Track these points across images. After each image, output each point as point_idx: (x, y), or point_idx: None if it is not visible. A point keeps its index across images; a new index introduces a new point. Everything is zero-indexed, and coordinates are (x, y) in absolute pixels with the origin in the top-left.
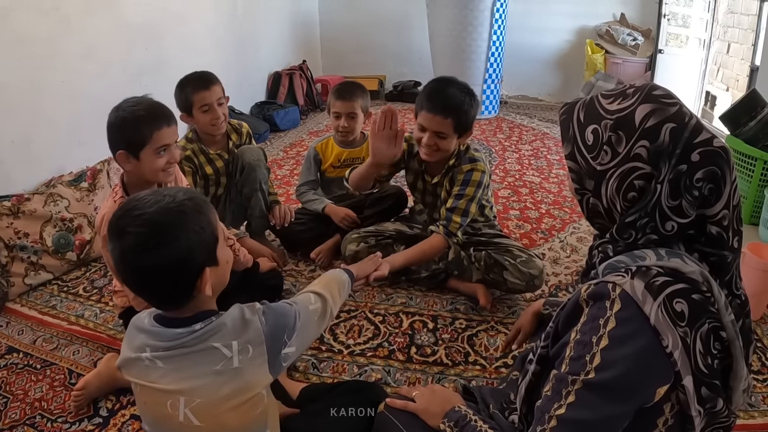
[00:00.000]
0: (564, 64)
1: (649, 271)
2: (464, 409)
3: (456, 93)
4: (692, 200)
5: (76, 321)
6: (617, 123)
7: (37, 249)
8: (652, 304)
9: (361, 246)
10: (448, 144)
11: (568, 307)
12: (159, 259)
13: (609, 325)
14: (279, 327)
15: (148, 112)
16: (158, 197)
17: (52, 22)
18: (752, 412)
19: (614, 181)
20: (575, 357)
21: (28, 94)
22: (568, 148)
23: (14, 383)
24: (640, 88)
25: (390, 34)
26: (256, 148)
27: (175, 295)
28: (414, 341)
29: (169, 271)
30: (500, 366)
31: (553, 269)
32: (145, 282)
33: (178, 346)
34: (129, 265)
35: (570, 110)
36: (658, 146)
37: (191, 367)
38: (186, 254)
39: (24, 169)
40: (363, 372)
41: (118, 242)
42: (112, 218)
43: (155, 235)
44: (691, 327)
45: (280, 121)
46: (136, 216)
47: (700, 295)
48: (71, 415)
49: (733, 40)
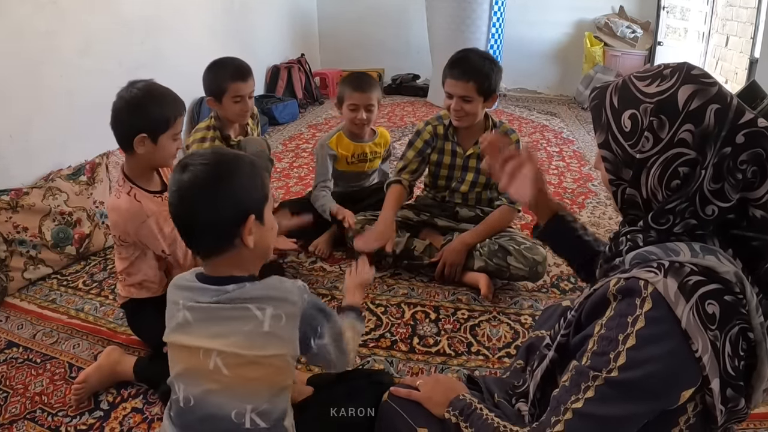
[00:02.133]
0: (563, 57)
1: (682, 269)
2: (469, 398)
3: (476, 59)
4: (735, 183)
5: (75, 315)
6: (659, 106)
7: (36, 243)
8: (684, 306)
9: (365, 228)
10: (474, 107)
11: (594, 298)
12: (211, 191)
13: (638, 324)
14: (314, 318)
15: (171, 97)
16: (221, 149)
17: (49, 17)
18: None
19: (656, 169)
20: (599, 352)
21: (25, 89)
22: (602, 136)
23: (14, 378)
24: (678, 68)
25: (388, 27)
26: (259, 140)
27: (218, 236)
28: (416, 332)
29: (218, 207)
30: (503, 356)
31: (554, 259)
32: (194, 216)
33: (210, 302)
34: (184, 196)
35: (602, 95)
36: (704, 129)
37: (222, 324)
38: (238, 194)
39: (22, 164)
40: (366, 363)
41: (179, 175)
42: (180, 163)
43: (213, 170)
44: (721, 330)
45: (279, 115)
46: (199, 155)
47: (732, 297)
48: (72, 408)
49: (732, 33)
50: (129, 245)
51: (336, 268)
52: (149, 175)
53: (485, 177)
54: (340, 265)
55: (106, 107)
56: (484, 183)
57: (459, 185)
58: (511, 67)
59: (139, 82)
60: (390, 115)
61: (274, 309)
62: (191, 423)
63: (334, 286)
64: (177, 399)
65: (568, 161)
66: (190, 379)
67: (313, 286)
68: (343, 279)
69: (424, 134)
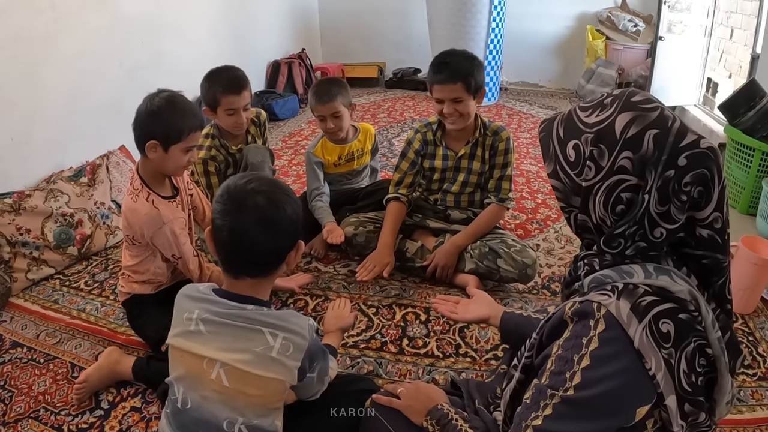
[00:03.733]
0: (564, 51)
1: (636, 290)
2: (446, 407)
3: (457, 60)
4: (681, 205)
5: (77, 315)
6: (598, 136)
7: (38, 244)
8: (637, 327)
9: (359, 230)
10: (466, 107)
11: (552, 320)
12: (272, 221)
13: (591, 345)
14: (315, 354)
15: (191, 112)
16: (260, 176)
17: (47, 20)
18: (740, 407)
19: (601, 196)
20: (556, 371)
21: (26, 92)
22: (550, 166)
23: (18, 377)
24: (618, 96)
25: (389, 21)
26: (262, 149)
27: (274, 262)
28: (406, 333)
29: (279, 236)
30: (490, 358)
31: (546, 260)
32: (253, 244)
33: (226, 316)
34: (245, 227)
35: (549, 127)
36: (643, 155)
37: (233, 340)
38: (294, 221)
39: (24, 166)
40: (356, 364)
41: (232, 205)
42: (227, 191)
43: (272, 199)
44: (676, 348)
45: (279, 110)
46: (246, 182)
47: (687, 315)
48: (74, 407)
49: (736, 25)
50: (141, 246)
51: (330, 269)
52: (161, 179)
53: (476, 177)
54: (334, 266)
55: (106, 108)
56: (474, 183)
57: (451, 185)
58: (512, 60)
59: (165, 91)
60: (390, 110)
61: (285, 338)
62: (186, 424)
63: (328, 287)
64: (175, 399)
65: None
66: (190, 384)
67: (307, 286)
68: (337, 279)
69: (414, 144)
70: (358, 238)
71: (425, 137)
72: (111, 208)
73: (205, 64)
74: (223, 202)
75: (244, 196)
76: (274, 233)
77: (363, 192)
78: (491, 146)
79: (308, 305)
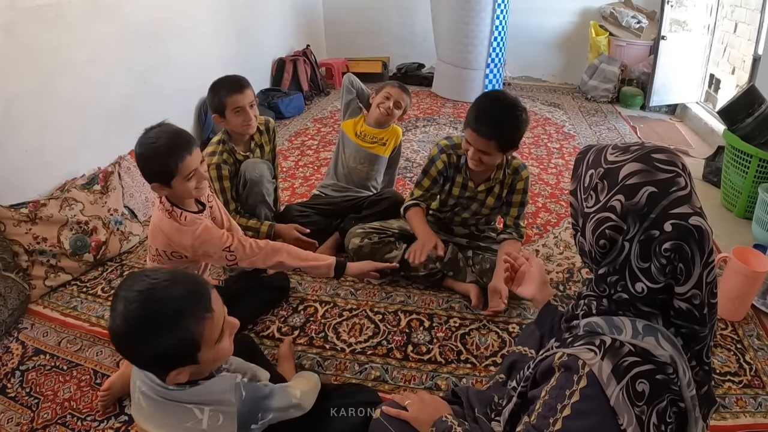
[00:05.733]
0: (567, 46)
1: (621, 349)
2: (450, 420)
3: (503, 114)
4: (660, 267)
5: (97, 322)
6: (606, 173)
7: (55, 252)
8: (615, 387)
9: (365, 241)
10: (492, 159)
11: (544, 364)
12: (136, 346)
13: (573, 398)
14: (255, 407)
15: (169, 147)
16: (155, 293)
17: (57, 31)
18: (724, 414)
19: (591, 225)
20: (542, 414)
21: (37, 103)
22: (573, 184)
23: (43, 384)
24: (645, 148)
25: (393, 15)
26: (260, 165)
27: (160, 375)
28: (411, 339)
29: (146, 362)
30: (489, 364)
31: (545, 266)
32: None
33: (157, 393)
34: (117, 339)
35: (586, 151)
36: (632, 204)
37: (165, 417)
38: (156, 353)
39: (38, 176)
40: (363, 370)
41: (113, 319)
42: (116, 291)
43: (139, 329)
44: (649, 405)
45: (285, 109)
46: (121, 308)
47: (664, 376)
48: (99, 414)
49: (741, 19)
50: (175, 260)
51: None
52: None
53: (488, 210)
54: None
55: (116, 114)
56: (485, 214)
57: (462, 211)
58: (515, 55)
59: (150, 129)
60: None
61: (212, 410)
62: None
63: (336, 294)
64: None
65: (567, 159)
66: None
67: (316, 293)
68: (344, 286)
69: (438, 163)
70: (364, 249)
71: (450, 159)
72: (124, 214)
73: (211, 65)
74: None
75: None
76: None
77: (368, 201)
78: (510, 184)
79: (317, 312)
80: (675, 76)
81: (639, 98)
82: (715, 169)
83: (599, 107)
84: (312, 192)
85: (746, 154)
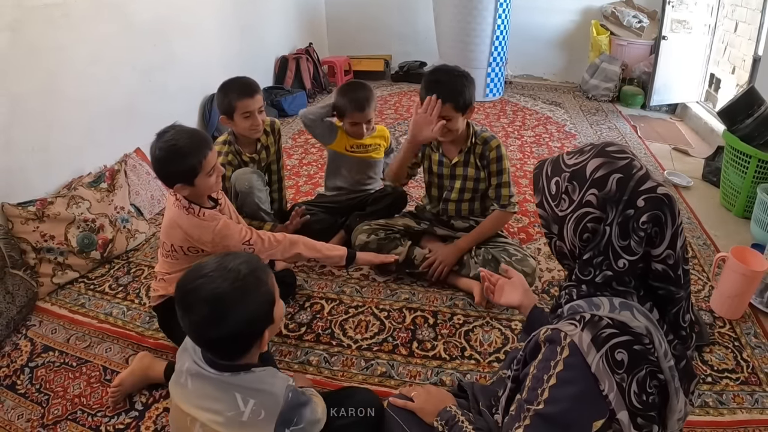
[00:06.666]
0: (569, 44)
1: (599, 322)
2: (454, 410)
3: (448, 79)
4: (639, 240)
5: (105, 319)
6: (572, 175)
7: (63, 250)
8: (594, 355)
9: (371, 238)
10: (455, 124)
11: (531, 342)
12: (221, 332)
13: (558, 368)
14: (294, 413)
15: (191, 146)
16: (222, 272)
17: (62, 31)
18: (721, 410)
19: (571, 224)
20: (531, 388)
21: (43, 102)
22: (538, 197)
23: (53, 381)
24: (597, 146)
25: (396, 13)
26: (248, 175)
27: (234, 355)
28: (416, 336)
29: (231, 340)
30: (493, 361)
31: (547, 264)
32: (210, 347)
33: (208, 377)
34: (196, 335)
35: (541, 166)
36: (606, 193)
37: (211, 401)
38: (246, 327)
39: (44, 174)
40: (369, 366)
41: (186, 316)
42: (179, 291)
43: (219, 311)
44: (628, 373)
45: (288, 107)
46: (200, 293)
47: (641, 347)
48: (109, 409)
49: (741, 19)
50: (191, 256)
51: (344, 273)
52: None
53: (472, 182)
54: (347, 269)
55: (121, 112)
56: (472, 188)
57: (449, 193)
58: (517, 53)
59: (165, 132)
60: (397, 105)
61: (257, 404)
62: None
63: (342, 290)
64: None
65: None
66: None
67: (322, 290)
68: (350, 283)
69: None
70: (371, 245)
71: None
72: (130, 212)
73: (215, 62)
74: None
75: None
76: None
77: (371, 198)
78: (482, 155)
79: (324, 309)
80: (675, 76)
81: (640, 97)
82: (714, 169)
83: (600, 106)
84: (316, 190)
85: (745, 155)
